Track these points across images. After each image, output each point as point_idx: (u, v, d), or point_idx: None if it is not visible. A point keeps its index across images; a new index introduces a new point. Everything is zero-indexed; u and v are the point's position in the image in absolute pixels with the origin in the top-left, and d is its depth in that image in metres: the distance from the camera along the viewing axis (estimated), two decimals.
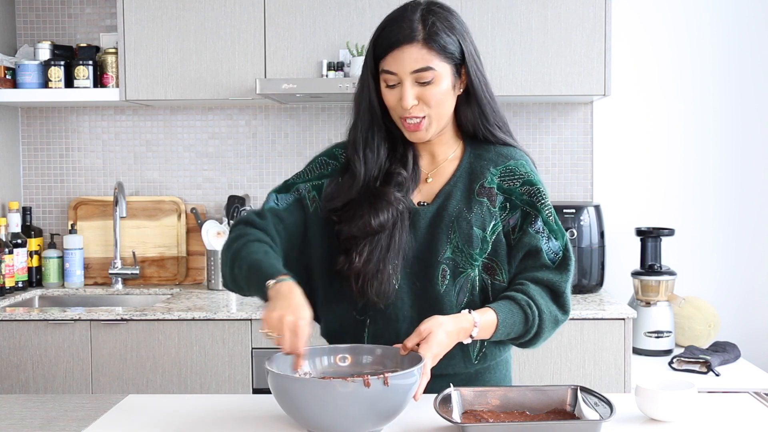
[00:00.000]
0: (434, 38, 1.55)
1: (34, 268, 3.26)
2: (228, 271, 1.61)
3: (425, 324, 1.50)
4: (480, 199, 1.64)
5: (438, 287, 1.61)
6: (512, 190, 1.65)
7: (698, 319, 3.07)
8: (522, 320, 1.58)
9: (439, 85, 1.57)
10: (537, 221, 1.63)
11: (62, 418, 1.56)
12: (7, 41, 3.32)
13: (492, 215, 1.63)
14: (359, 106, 1.65)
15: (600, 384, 2.68)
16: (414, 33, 1.55)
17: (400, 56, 1.55)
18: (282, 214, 1.67)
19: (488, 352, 1.65)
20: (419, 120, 1.59)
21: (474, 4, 2.92)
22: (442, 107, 1.60)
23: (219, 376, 2.72)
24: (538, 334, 1.61)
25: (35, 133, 3.42)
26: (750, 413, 1.56)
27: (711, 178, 3.31)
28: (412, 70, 1.55)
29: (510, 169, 1.66)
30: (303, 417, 1.38)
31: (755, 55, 3.28)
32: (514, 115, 3.29)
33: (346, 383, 1.32)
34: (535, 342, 1.64)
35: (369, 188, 1.63)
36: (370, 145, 1.64)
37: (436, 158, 1.69)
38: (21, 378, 2.75)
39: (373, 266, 1.59)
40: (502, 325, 1.56)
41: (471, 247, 1.61)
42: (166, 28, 3.01)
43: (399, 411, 1.40)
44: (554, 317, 1.62)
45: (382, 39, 1.58)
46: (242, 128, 3.37)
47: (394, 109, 1.60)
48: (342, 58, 2.96)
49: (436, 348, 1.48)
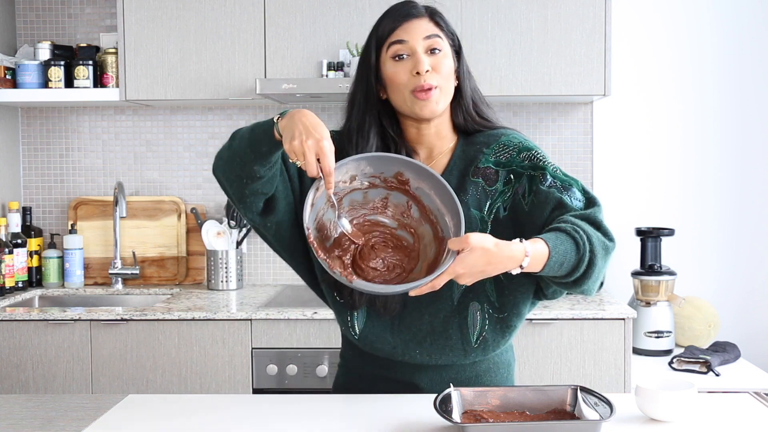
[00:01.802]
0: (439, 17, 1.64)
1: (34, 268, 3.26)
2: (225, 153, 1.56)
3: (476, 237, 1.41)
4: (474, 179, 1.63)
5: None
6: (511, 160, 1.63)
7: (698, 319, 3.07)
8: (573, 247, 1.47)
9: (447, 57, 1.62)
10: (546, 178, 1.59)
11: (62, 418, 1.56)
12: (7, 41, 3.32)
13: (488, 195, 1.62)
14: (354, 100, 1.67)
15: (600, 384, 2.68)
16: (419, 10, 1.63)
17: (410, 26, 1.60)
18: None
19: (489, 338, 1.62)
20: (432, 89, 1.59)
21: (474, 4, 2.92)
22: (450, 81, 1.63)
23: (219, 376, 2.72)
24: (592, 262, 1.49)
25: (35, 133, 3.42)
26: (750, 413, 1.56)
27: (711, 178, 3.31)
28: (424, 36, 1.60)
29: (503, 143, 1.65)
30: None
31: (755, 55, 3.28)
32: (514, 115, 3.29)
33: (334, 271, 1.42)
34: (589, 275, 1.51)
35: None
36: (362, 131, 1.64)
37: (433, 153, 1.69)
38: (21, 378, 2.75)
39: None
40: (554, 252, 1.45)
41: (470, 229, 1.59)
42: (166, 28, 3.01)
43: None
44: (603, 244, 1.51)
45: (387, 20, 1.62)
46: None
47: (405, 84, 1.59)
48: (342, 58, 2.96)
49: (462, 267, 1.41)
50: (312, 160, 1.41)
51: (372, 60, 1.63)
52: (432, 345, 1.62)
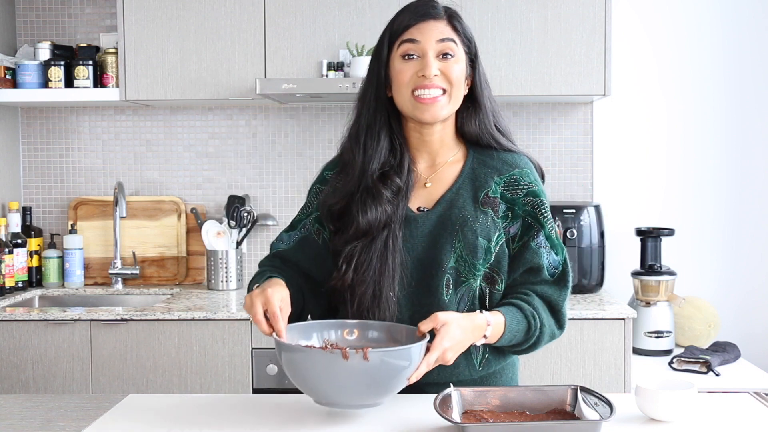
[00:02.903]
0: (457, 20, 1.61)
1: (34, 268, 3.26)
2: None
3: (443, 314, 1.46)
4: (485, 209, 1.62)
5: (442, 297, 1.59)
6: (515, 199, 1.63)
7: (698, 319, 3.07)
8: (525, 329, 1.59)
9: (459, 63, 1.59)
10: (539, 235, 1.63)
11: (62, 418, 1.56)
12: (7, 41, 3.32)
13: (496, 226, 1.61)
14: (365, 97, 1.64)
15: (600, 384, 2.68)
16: (438, 11, 1.60)
17: (425, 26, 1.58)
18: (288, 254, 1.69)
19: (491, 358, 1.65)
20: (438, 94, 1.57)
21: (474, 4, 2.92)
22: (459, 88, 1.60)
23: (219, 376, 2.72)
24: (535, 345, 1.62)
25: (35, 133, 3.42)
26: (750, 413, 1.56)
27: (711, 178, 3.31)
28: (437, 38, 1.57)
29: (514, 178, 1.64)
30: (296, 381, 1.43)
31: (755, 55, 3.28)
32: (514, 115, 3.29)
33: (323, 352, 1.35)
34: (528, 352, 1.65)
35: (364, 182, 1.61)
36: (371, 132, 1.62)
37: (436, 162, 1.67)
38: (21, 378, 2.75)
39: (366, 288, 1.57)
40: (509, 330, 1.56)
41: (475, 257, 1.59)
42: (166, 28, 3.01)
43: (387, 388, 1.40)
44: (552, 332, 1.64)
45: (404, 16, 1.60)
46: (242, 128, 3.37)
47: (408, 84, 1.57)
48: (342, 58, 2.96)
49: (448, 341, 1.44)
50: (258, 306, 1.44)
51: (384, 54, 1.61)
52: (438, 375, 1.60)
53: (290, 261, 1.68)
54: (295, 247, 1.69)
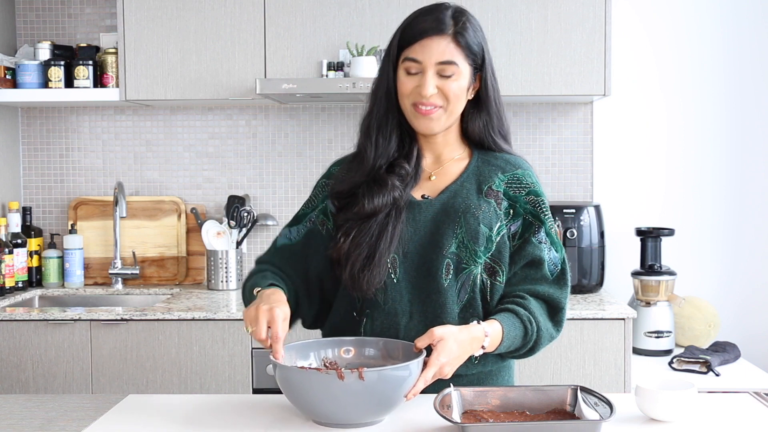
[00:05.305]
0: (463, 36, 1.61)
1: (34, 268, 3.26)
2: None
3: (439, 329, 1.49)
4: (488, 199, 1.66)
5: (441, 281, 1.62)
6: (517, 197, 1.68)
7: (698, 319, 3.07)
8: (522, 335, 1.61)
9: (459, 81, 1.61)
10: (540, 231, 1.67)
11: (62, 418, 1.56)
12: (7, 41, 3.32)
13: (498, 217, 1.66)
14: (377, 93, 1.68)
15: (600, 384, 2.68)
16: (445, 26, 1.60)
17: (428, 45, 1.59)
18: (295, 248, 1.72)
19: (488, 355, 1.65)
20: (434, 109, 1.61)
21: (474, 4, 2.92)
22: (457, 103, 1.64)
23: (219, 376, 2.72)
24: (533, 348, 1.65)
25: (35, 133, 3.42)
26: (750, 413, 1.56)
27: (711, 178, 3.31)
28: (437, 61, 1.59)
29: (517, 177, 1.69)
30: (294, 402, 1.44)
31: (755, 55, 3.28)
32: (514, 115, 3.29)
33: (319, 374, 1.35)
34: (528, 356, 1.68)
35: (372, 174, 1.66)
36: (383, 131, 1.67)
37: (441, 159, 1.72)
38: (21, 378, 2.75)
39: (361, 251, 1.61)
40: (507, 337, 1.58)
41: (476, 243, 1.62)
42: (166, 28, 3.01)
43: (384, 406, 1.41)
44: (550, 335, 1.66)
45: (412, 27, 1.62)
46: (242, 128, 3.37)
47: (408, 96, 1.62)
48: (342, 58, 2.96)
49: (445, 356, 1.47)
50: (262, 323, 1.46)
51: (393, 57, 1.65)
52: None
53: (293, 257, 1.71)
54: (302, 241, 1.72)
